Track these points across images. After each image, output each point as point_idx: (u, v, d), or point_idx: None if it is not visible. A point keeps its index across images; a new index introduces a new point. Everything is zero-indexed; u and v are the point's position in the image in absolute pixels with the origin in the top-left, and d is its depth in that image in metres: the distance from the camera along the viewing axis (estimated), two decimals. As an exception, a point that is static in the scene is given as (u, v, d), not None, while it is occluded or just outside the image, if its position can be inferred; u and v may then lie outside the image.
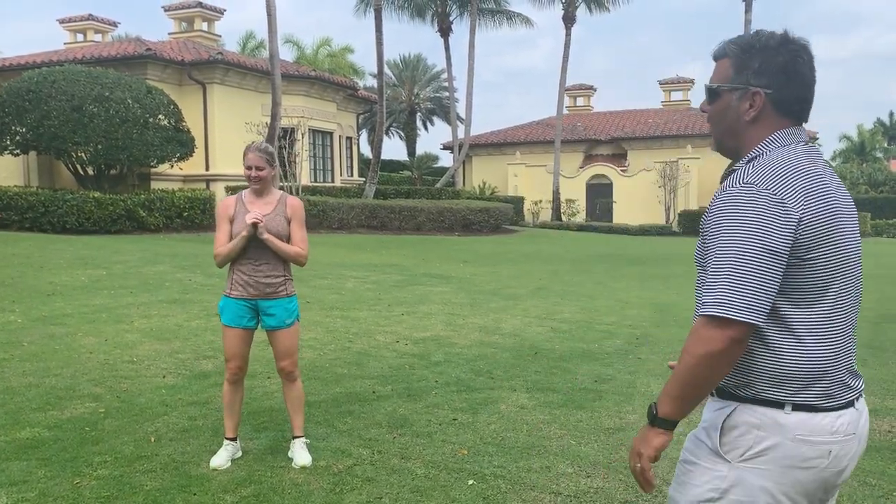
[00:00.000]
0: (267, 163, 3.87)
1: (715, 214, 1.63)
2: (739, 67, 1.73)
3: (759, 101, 1.71)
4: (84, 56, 20.82)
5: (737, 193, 1.61)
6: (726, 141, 1.81)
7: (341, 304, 8.86)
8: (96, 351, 6.21)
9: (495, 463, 3.97)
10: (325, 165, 26.12)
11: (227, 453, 3.91)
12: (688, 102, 36.93)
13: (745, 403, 1.68)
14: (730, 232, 1.58)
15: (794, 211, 1.58)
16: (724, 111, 1.77)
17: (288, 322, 3.97)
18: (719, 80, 1.77)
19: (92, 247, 13.25)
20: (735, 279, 1.55)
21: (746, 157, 1.72)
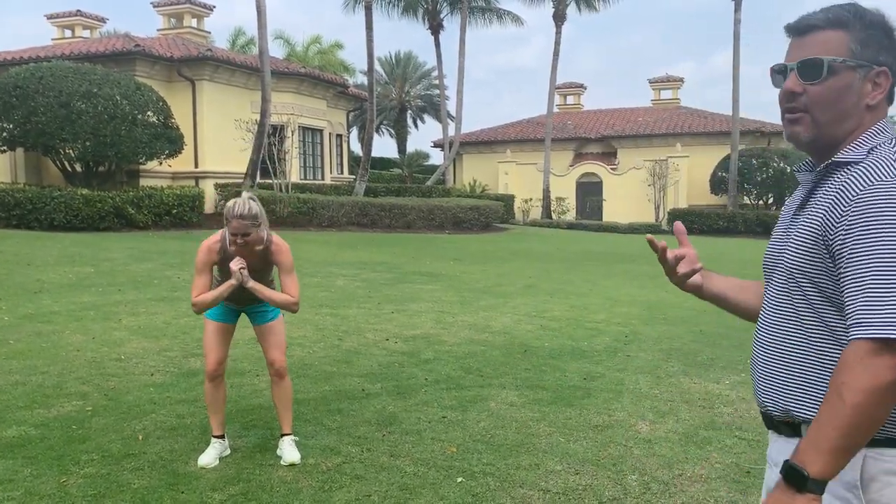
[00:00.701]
0: (252, 226, 3.63)
1: (866, 212, 1.34)
2: (865, 41, 1.45)
3: (887, 82, 1.47)
4: (72, 52, 20.67)
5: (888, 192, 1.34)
6: (830, 130, 1.49)
7: (331, 302, 8.85)
8: (84, 349, 6.17)
9: (484, 460, 3.98)
10: (314, 163, 26.04)
11: (214, 451, 3.89)
12: (677, 101, 37.06)
13: (873, 448, 1.36)
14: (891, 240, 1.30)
15: None
16: (841, 93, 1.46)
17: (273, 315, 3.98)
18: (832, 53, 1.46)
19: (80, 244, 13.17)
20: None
21: (858, 148, 1.46)
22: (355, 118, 38.08)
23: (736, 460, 4.03)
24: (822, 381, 1.41)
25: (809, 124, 1.50)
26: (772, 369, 1.52)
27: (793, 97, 1.50)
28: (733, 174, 28.39)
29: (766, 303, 1.59)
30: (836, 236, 1.38)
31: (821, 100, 1.47)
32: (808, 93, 1.48)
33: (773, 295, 1.55)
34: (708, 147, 31.75)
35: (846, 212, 1.37)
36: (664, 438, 4.36)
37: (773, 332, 1.53)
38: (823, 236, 1.42)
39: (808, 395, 1.45)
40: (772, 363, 1.52)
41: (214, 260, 3.76)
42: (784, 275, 1.50)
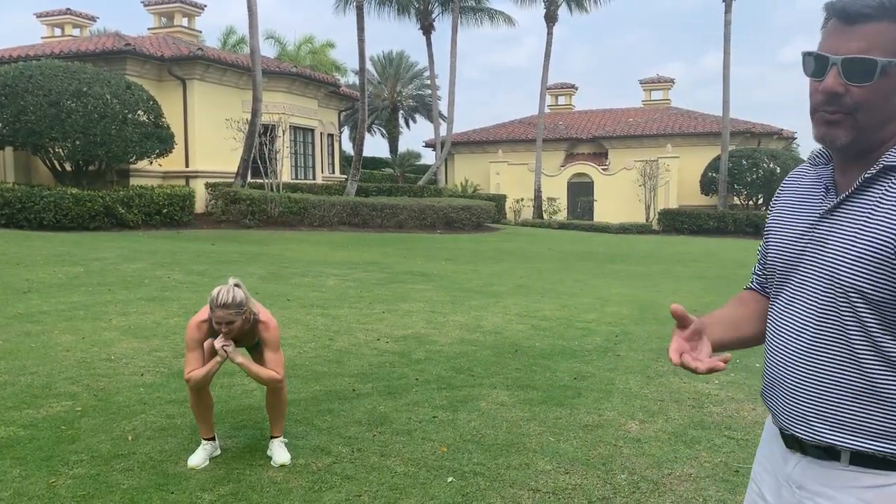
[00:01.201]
0: (237, 315, 3.60)
1: None
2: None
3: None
4: (62, 50, 20.57)
5: None
6: (870, 135, 1.34)
7: (322, 302, 8.84)
8: (73, 349, 6.15)
9: (475, 460, 3.99)
10: (306, 162, 26.00)
11: (204, 452, 3.87)
12: (668, 101, 37.20)
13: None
14: None
15: None
16: (889, 94, 1.30)
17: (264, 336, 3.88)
18: (885, 51, 1.28)
19: (69, 244, 13.11)
20: None
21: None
22: (347, 118, 38.07)
23: (725, 459, 4.06)
24: (876, 411, 1.30)
25: (851, 128, 1.33)
26: (811, 395, 1.37)
27: (834, 98, 1.32)
28: (723, 175, 28.52)
29: (792, 314, 1.42)
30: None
31: (868, 104, 1.31)
32: (852, 94, 1.31)
33: (810, 309, 1.38)
34: (698, 148, 31.89)
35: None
36: (654, 438, 4.38)
37: (812, 354, 1.37)
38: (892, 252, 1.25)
39: (857, 425, 1.32)
40: (810, 388, 1.37)
41: (203, 337, 3.72)
42: (831, 291, 1.33)
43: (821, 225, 1.39)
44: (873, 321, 1.28)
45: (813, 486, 1.38)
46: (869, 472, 1.32)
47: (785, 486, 1.46)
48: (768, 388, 1.48)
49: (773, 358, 1.46)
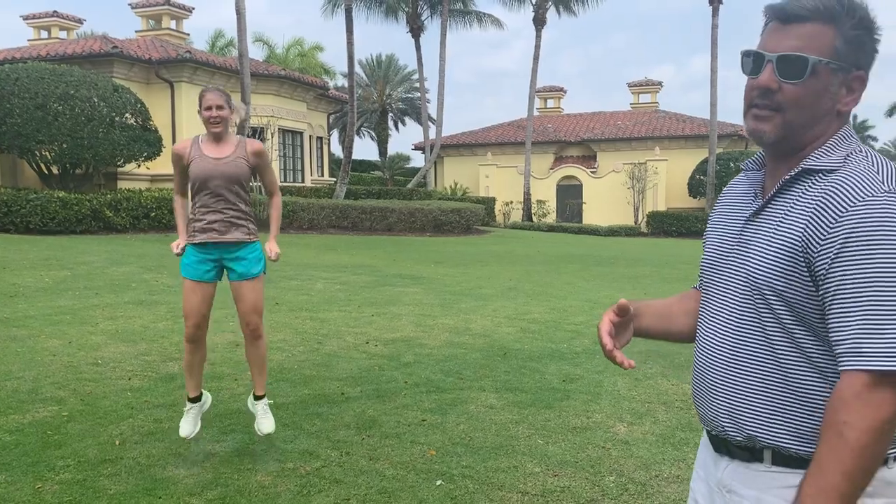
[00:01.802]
0: (226, 103, 3.81)
1: (858, 231, 1.21)
2: (851, 41, 1.31)
3: (861, 88, 1.35)
4: (48, 53, 20.47)
5: (886, 205, 1.22)
6: (798, 134, 1.36)
7: (310, 306, 8.82)
8: (60, 353, 6.11)
9: (463, 463, 3.99)
10: (295, 165, 25.97)
11: (192, 417, 3.88)
12: (656, 104, 37.38)
13: None
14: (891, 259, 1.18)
15: None
16: (819, 94, 1.33)
17: (254, 272, 3.91)
18: (819, 51, 1.31)
19: (56, 247, 13.03)
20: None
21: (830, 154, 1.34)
22: (336, 120, 38.03)
23: (712, 461, 4.07)
24: (796, 409, 1.31)
25: (779, 125, 1.35)
26: (732, 391, 1.38)
27: (766, 93, 1.35)
28: (711, 177, 28.67)
29: (716, 314, 1.44)
30: (821, 256, 1.25)
31: (798, 101, 1.33)
32: (784, 91, 1.33)
33: (731, 309, 1.40)
34: (686, 150, 32.06)
35: (834, 229, 1.23)
36: (642, 440, 4.39)
37: (732, 351, 1.38)
38: (805, 254, 1.27)
39: (778, 422, 1.33)
40: (732, 384, 1.38)
41: (185, 160, 3.84)
42: (748, 290, 1.35)
43: (746, 228, 1.42)
44: (790, 319, 1.30)
45: (740, 489, 1.38)
46: (791, 472, 1.32)
47: (717, 491, 1.45)
48: (696, 389, 1.48)
49: (699, 359, 1.47)
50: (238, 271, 3.86)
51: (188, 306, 3.86)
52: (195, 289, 3.84)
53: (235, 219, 3.85)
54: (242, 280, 3.87)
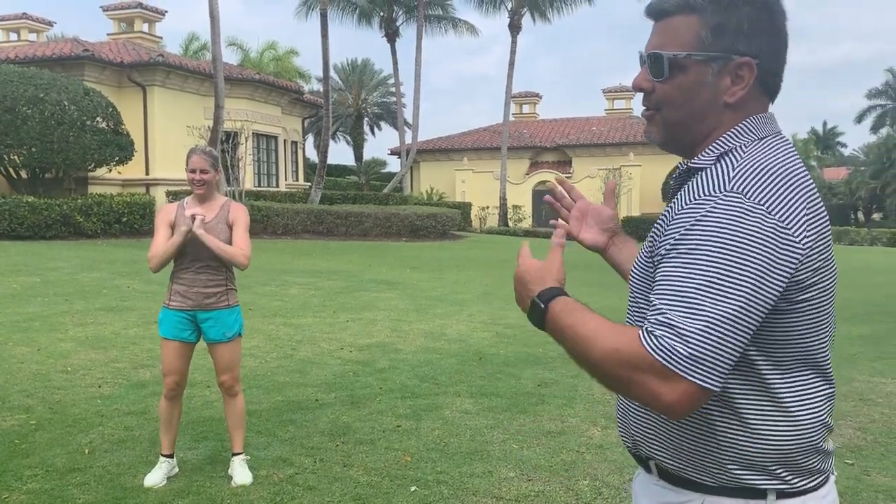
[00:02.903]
0: (211, 166, 3.74)
1: (685, 229, 1.15)
2: (719, 27, 1.21)
3: (750, 75, 1.23)
4: (17, 56, 20.15)
5: (721, 206, 1.13)
6: (685, 132, 1.29)
7: (284, 311, 8.76)
8: (28, 361, 6.01)
9: (438, 469, 3.98)
10: (269, 170, 25.81)
11: (162, 471, 3.74)
12: (630, 110, 37.69)
13: (712, 495, 1.23)
14: (708, 260, 1.10)
15: (797, 240, 1.13)
16: (691, 90, 1.25)
17: (228, 335, 3.80)
18: (682, 44, 1.24)
19: (25, 253, 12.82)
20: (711, 330, 1.08)
21: (711, 152, 1.25)
22: (311, 125, 37.85)
23: (685, 464, 4.10)
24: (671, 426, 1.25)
25: (661, 125, 1.31)
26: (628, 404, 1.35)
27: (646, 95, 1.30)
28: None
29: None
30: (657, 253, 1.20)
31: (668, 99, 1.27)
32: (657, 90, 1.28)
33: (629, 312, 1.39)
34: (660, 156, 32.29)
35: (667, 231, 1.19)
36: (616, 444, 4.41)
37: None
38: (651, 255, 1.25)
39: (649, 429, 1.29)
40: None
41: (171, 219, 3.77)
42: (632, 293, 1.33)
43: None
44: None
45: (641, 500, 1.38)
46: (669, 488, 1.29)
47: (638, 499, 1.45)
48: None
49: None
50: (213, 335, 3.80)
51: (167, 364, 3.79)
52: (174, 348, 3.77)
53: (215, 285, 3.79)
54: (217, 343, 3.81)
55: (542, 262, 1.34)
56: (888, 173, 42.78)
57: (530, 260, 1.36)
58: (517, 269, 1.36)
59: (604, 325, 1.17)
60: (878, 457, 4.30)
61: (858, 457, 4.28)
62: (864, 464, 4.17)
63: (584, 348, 1.17)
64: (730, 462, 1.21)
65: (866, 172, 44.51)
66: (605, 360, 1.14)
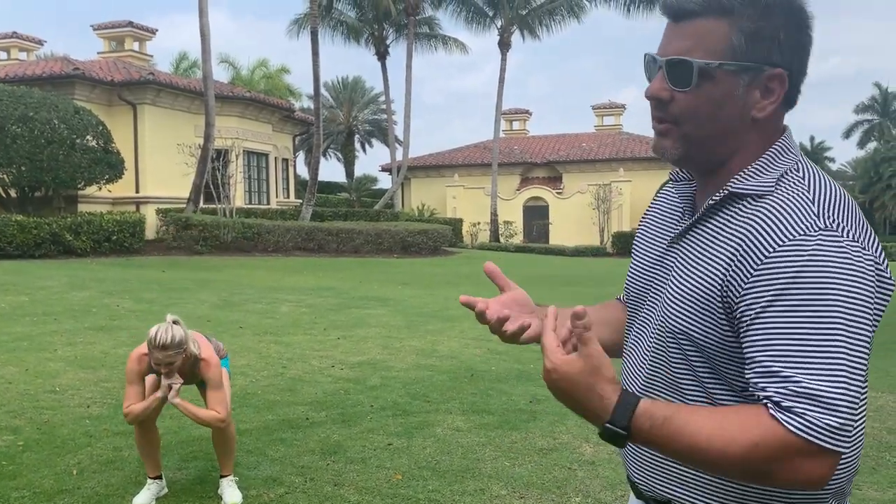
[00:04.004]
0: (177, 355, 3.43)
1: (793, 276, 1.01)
2: (756, 34, 1.09)
3: (781, 89, 1.12)
4: (7, 75, 20.14)
5: (827, 247, 1.01)
6: (707, 149, 1.16)
7: (275, 329, 8.73)
8: (16, 381, 5.95)
9: (430, 487, 3.96)
10: (260, 187, 25.80)
11: (150, 493, 3.67)
12: (619, 127, 37.96)
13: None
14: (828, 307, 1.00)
15: (889, 276, 1.06)
16: (719, 102, 1.11)
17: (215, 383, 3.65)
18: (711, 51, 1.10)
19: (13, 272, 12.74)
20: (848, 387, 0.99)
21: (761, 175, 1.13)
22: (302, 142, 37.92)
23: (677, 480, 4.09)
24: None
25: (679, 139, 1.16)
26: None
27: (661, 104, 1.16)
28: (674, 198, 29.07)
29: (635, 345, 1.28)
30: (744, 303, 1.06)
31: (692, 112, 1.13)
32: (678, 101, 1.14)
33: (645, 345, 1.24)
34: (650, 171, 32.54)
35: (759, 274, 1.05)
36: (607, 460, 4.40)
37: (644, 392, 1.23)
38: (723, 299, 1.09)
39: (688, 479, 1.18)
40: None
41: (144, 371, 3.58)
42: (662, 331, 1.18)
43: (670, 251, 1.23)
44: (701, 365, 1.14)
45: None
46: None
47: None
48: None
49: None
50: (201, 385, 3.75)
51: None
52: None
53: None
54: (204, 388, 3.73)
55: (579, 359, 1.07)
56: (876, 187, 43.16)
57: (564, 358, 1.08)
58: (550, 372, 1.08)
59: (719, 422, 1.02)
60: (869, 471, 4.31)
61: (850, 471, 4.29)
62: (855, 478, 4.17)
63: (708, 459, 1.02)
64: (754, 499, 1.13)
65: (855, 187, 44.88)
66: (744, 463, 1.00)
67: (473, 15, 33.31)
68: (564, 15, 32.91)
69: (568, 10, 32.74)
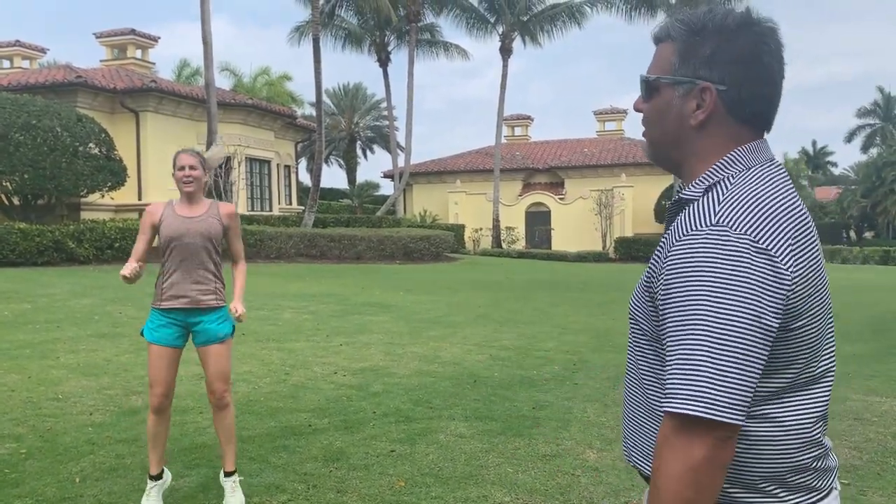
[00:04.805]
0: (200, 164, 3.78)
1: (676, 268, 1.18)
2: (686, 54, 1.30)
3: (710, 99, 1.28)
4: (10, 83, 20.21)
5: (707, 240, 1.16)
6: (664, 151, 1.38)
7: (278, 336, 8.72)
8: (18, 388, 5.95)
9: (433, 494, 3.95)
10: (262, 194, 25.84)
11: (153, 499, 3.68)
12: (621, 132, 37.97)
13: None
14: (703, 297, 1.14)
15: (784, 266, 1.15)
16: (663, 111, 1.33)
17: (221, 336, 3.74)
18: (659, 69, 1.34)
19: (16, 280, 12.76)
20: (717, 365, 1.11)
21: (700, 184, 1.29)
22: (304, 149, 37.95)
23: (681, 486, 4.07)
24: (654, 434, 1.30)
25: (647, 143, 1.41)
26: (625, 420, 1.42)
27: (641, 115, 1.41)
28: (677, 203, 29.04)
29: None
30: (658, 289, 1.24)
31: (647, 119, 1.38)
32: (643, 111, 1.39)
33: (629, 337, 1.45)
34: (652, 177, 32.53)
35: (664, 267, 1.22)
36: (611, 466, 4.39)
37: (627, 375, 1.43)
38: (650, 284, 1.29)
39: (645, 447, 1.33)
40: (625, 414, 1.42)
41: (156, 219, 3.79)
42: (630, 319, 1.39)
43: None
44: (648, 345, 1.32)
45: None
46: None
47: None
48: None
49: None
50: (204, 336, 3.74)
51: (154, 373, 3.71)
52: (162, 354, 3.70)
53: (205, 281, 3.74)
54: (209, 345, 3.74)
55: None
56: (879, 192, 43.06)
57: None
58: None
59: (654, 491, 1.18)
60: (874, 476, 4.29)
61: (854, 477, 4.27)
62: (860, 484, 4.16)
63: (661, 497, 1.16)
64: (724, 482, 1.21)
65: (857, 191, 44.79)
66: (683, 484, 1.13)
67: (475, 21, 33.39)
68: (566, 21, 32.96)
69: (569, 16, 32.80)
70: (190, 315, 3.73)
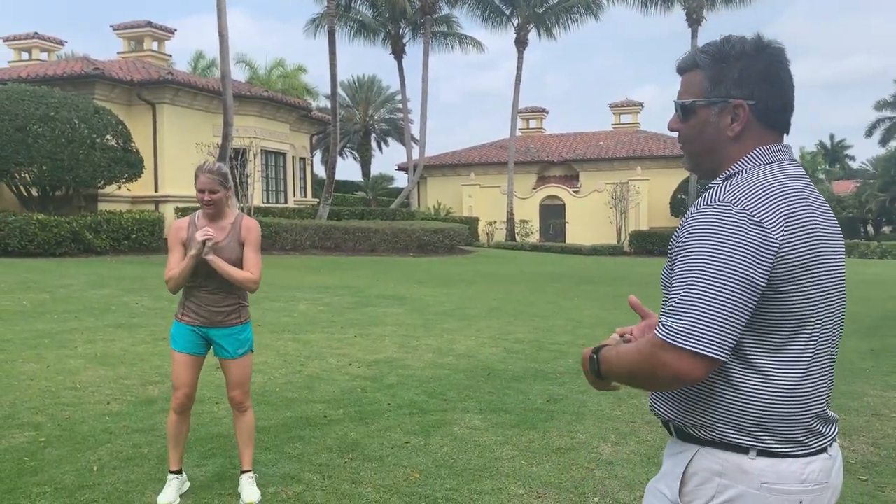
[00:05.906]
0: (220, 184, 3.66)
1: (685, 234, 1.49)
2: (716, 79, 1.58)
3: (744, 114, 1.56)
4: (29, 75, 20.35)
5: (710, 213, 1.46)
6: (703, 161, 1.66)
7: (293, 327, 8.76)
8: (37, 378, 6.02)
9: (447, 486, 3.96)
10: (277, 186, 25.90)
11: (173, 489, 3.71)
12: (637, 125, 37.71)
13: (706, 447, 1.54)
14: (701, 255, 1.43)
15: (773, 236, 1.42)
16: (701, 128, 1.61)
17: (240, 352, 3.80)
18: (692, 94, 1.62)
19: (35, 270, 12.88)
20: (703, 308, 1.39)
21: (724, 175, 1.57)
22: (319, 141, 37.99)
23: (696, 480, 4.06)
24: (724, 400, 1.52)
25: (686, 156, 1.70)
26: None
27: (678, 134, 1.69)
28: (692, 196, 28.90)
29: None
30: (674, 253, 1.54)
31: (686, 137, 1.66)
32: (680, 130, 1.67)
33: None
34: (667, 170, 32.33)
35: (681, 230, 1.53)
36: (626, 460, 4.38)
37: None
38: (670, 254, 1.57)
39: (666, 397, 1.62)
40: None
41: (183, 237, 3.73)
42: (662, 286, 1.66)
43: None
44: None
45: (665, 457, 1.70)
46: (675, 441, 1.63)
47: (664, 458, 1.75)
48: None
49: None
50: (225, 352, 3.80)
51: (178, 378, 3.77)
52: (184, 361, 3.76)
53: (227, 304, 3.76)
54: (229, 358, 3.80)
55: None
56: (897, 186, 42.52)
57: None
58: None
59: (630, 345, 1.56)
60: (893, 472, 4.26)
61: (872, 472, 4.24)
62: (878, 480, 4.12)
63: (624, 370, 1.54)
64: (719, 422, 1.51)
65: (876, 185, 44.26)
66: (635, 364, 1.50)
67: (490, 13, 33.26)
68: (581, 13, 32.76)
69: (585, 8, 32.60)
70: (210, 330, 3.78)
